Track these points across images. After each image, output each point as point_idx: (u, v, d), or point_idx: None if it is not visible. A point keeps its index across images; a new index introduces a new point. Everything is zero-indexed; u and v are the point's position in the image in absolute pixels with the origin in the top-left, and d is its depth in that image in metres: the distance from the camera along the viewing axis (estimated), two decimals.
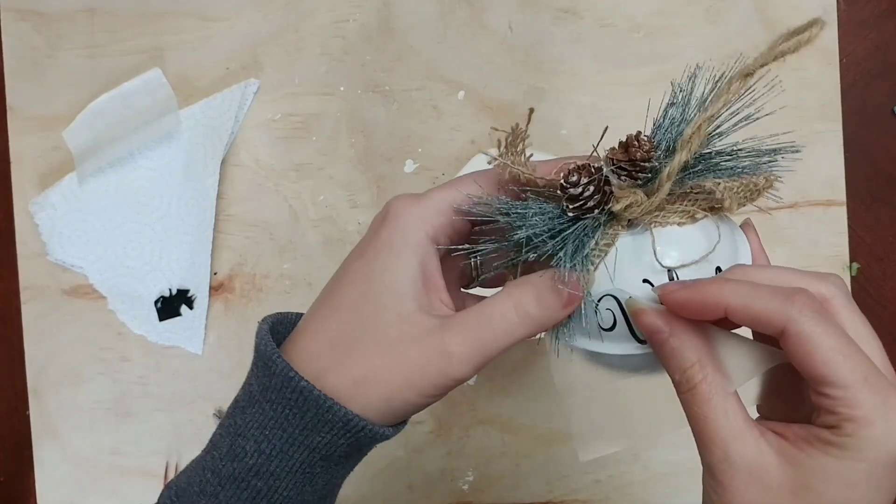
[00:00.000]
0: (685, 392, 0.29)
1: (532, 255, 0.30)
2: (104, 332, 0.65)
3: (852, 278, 0.62)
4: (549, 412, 0.64)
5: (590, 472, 0.64)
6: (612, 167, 0.30)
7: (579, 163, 0.30)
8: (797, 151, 0.32)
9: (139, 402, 0.65)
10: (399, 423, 0.33)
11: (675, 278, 0.30)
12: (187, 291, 0.64)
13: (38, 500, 0.65)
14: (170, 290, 0.64)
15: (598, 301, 0.30)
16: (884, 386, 0.26)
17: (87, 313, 0.65)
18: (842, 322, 0.29)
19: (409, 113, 0.63)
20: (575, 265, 0.29)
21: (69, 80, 0.64)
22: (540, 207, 0.31)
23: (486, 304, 0.30)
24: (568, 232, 0.30)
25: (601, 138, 0.32)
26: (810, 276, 0.30)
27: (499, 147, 0.31)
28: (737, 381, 0.29)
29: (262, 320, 0.34)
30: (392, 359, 0.30)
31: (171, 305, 0.64)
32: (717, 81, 0.31)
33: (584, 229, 0.30)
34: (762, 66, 0.30)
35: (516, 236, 0.30)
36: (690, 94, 0.32)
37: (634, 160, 0.30)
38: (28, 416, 0.65)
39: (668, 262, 0.30)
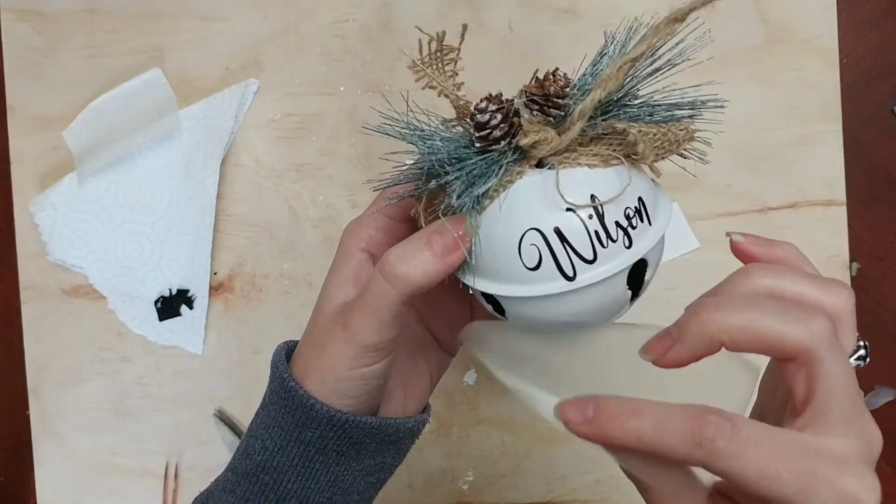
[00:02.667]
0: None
1: (433, 183, 0.29)
2: (104, 332, 0.65)
3: (852, 278, 0.62)
4: None
5: (590, 473, 0.64)
6: (525, 100, 0.29)
7: (497, 93, 0.29)
8: (721, 107, 0.30)
9: (139, 402, 0.65)
10: (414, 416, 0.37)
11: (578, 216, 0.28)
12: (187, 291, 0.64)
13: (38, 500, 0.65)
14: (170, 290, 0.64)
15: (522, 237, 0.28)
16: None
17: (87, 313, 0.65)
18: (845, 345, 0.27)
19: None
20: (462, 199, 0.28)
21: (69, 80, 0.64)
22: (448, 133, 0.30)
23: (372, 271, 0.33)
24: (470, 161, 0.28)
25: (532, 78, 0.30)
26: (818, 286, 0.27)
27: (420, 52, 0.29)
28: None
29: (281, 343, 0.38)
30: (319, 350, 0.34)
31: (171, 305, 0.64)
32: (647, 27, 0.29)
33: (488, 163, 0.28)
34: (692, 10, 0.28)
35: (420, 162, 0.29)
36: (624, 46, 0.30)
37: (548, 95, 0.29)
38: (28, 416, 0.65)
39: (571, 199, 0.28)
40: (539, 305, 0.29)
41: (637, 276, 0.30)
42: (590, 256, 0.28)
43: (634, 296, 0.31)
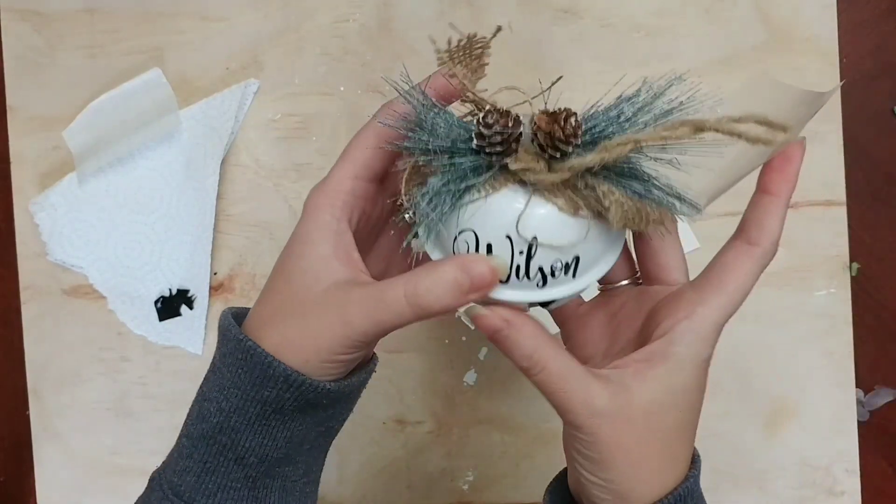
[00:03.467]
0: (537, 374, 0.33)
1: (423, 160, 0.32)
2: (104, 332, 0.65)
3: (852, 278, 0.62)
4: (549, 412, 0.63)
5: None
6: (531, 130, 0.30)
7: (505, 108, 0.31)
8: (699, 211, 0.32)
9: (139, 402, 0.65)
10: (351, 377, 0.36)
11: (511, 244, 0.31)
12: (187, 291, 0.64)
13: (38, 500, 0.65)
14: (170, 290, 0.64)
15: (461, 233, 0.31)
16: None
17: (87, 313, 0.65)
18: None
19: None
20: (448, 187, 0.30)
21: (69, 80, 0.64)
22: (453, 124, 0.31)
23: (386, 284, 0.32)
24: (461, 159, 0.31)
25: (549, 88, 0.32)
26: None
27: (448, 45, 0.31)
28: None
29: (225, 309, 0.38)
30: (303, 328, 0.33)
31: (171, 305, 0.64)
32: (675, 109, 0.31)
33: (474, 165, 0.31)
34: (716, 131, 0.29)
35: (423, 141, 0.31)
36: (653, 101, 0.31)
37: (553, 136, 0.30)
38: (28, 416, 0.65)
39: (528, 234, 0.30)
40: None
41: (542, 305, 0.34)
42: (503, 279, 0.31)
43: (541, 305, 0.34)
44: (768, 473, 0.63)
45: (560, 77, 0.32)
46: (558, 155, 0.30)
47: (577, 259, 0.32)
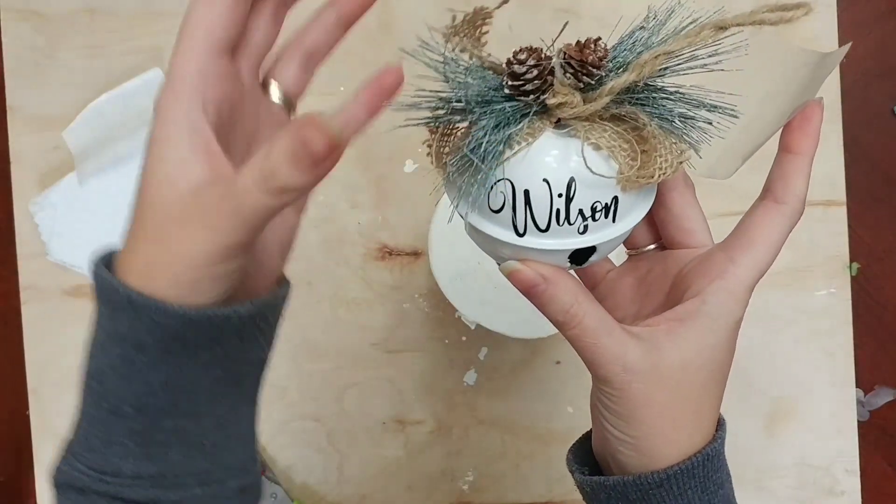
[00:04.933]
0: (572, 329, 0.33)
1: (457, 118, 0.31)
2: None
3: (852, 278, 0.62)
4: (549, 412, 0.64)
5: None
6: (562, 61, 0.30)
7: (534, 46, 0.30)
8: (735, 116, 0.32)
9: None
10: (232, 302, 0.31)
11: (549, 189, 0.30)
12: None
13: (37, 501, 0.65)
14: None
15: (496, 182, 0.30)
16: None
17: (87, 313, 0.64)
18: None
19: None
20: (490, 137, 0.30)
21: (69, 80, 0.64)
22: (482, 73, 0.31)
23: (238, 176, 0.28)
24: (498, 105, 0.30)
25: (560, 32, 0.31)
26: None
27: (453, 20, 0.32)
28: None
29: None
30: (167, 245, 0.29)
31: None
32: (692, 23, 0.30)
33: (513, 110, 0.30)
34: (738, 25, 0.29)
35: (450, 94, 0.31)
36: (663, 25, 0.32)
37: (585, 62, 0.30)
38: (28, 416, 0.65)
39: (566, 175, 0.30)
40: (490, 241, 0.32)
41: (582, 255, 0.33)
42: (543, 226, 0.31)
43: (572, 266, 0.34)
44: (768, 473, 0.63)
45: (567, 23, 0.31)
46: (592, 82, 0.30)
47: (615, 200, 0.31)
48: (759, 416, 0.63)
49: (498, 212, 0.31)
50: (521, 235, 0.31)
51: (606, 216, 0.31)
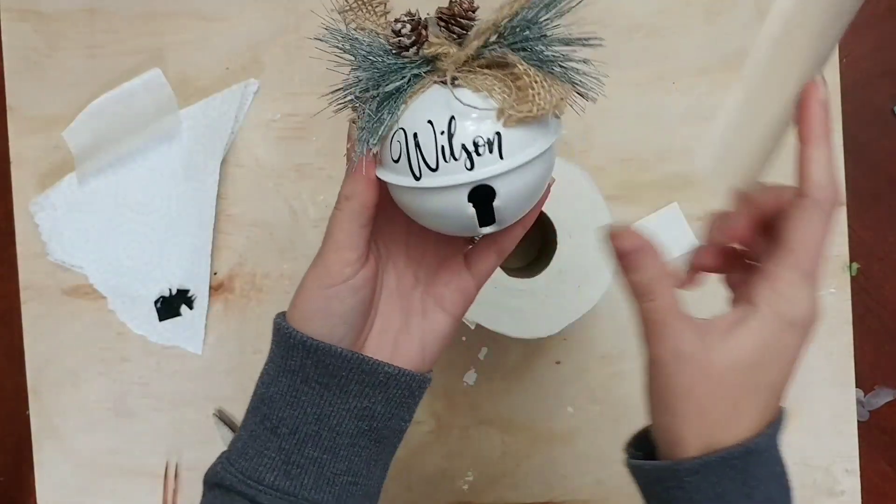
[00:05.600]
0: (647, 302, 0.35)
1: (354, 87, 0.35)
2: (104, 332, 0.65)
3: (852, 278, 0.62)
4: (549, 412, 0.64)
5: (590, 473, 0.64)
6: (436, 17, 0.34)
7: (413, 11, 0.34)
8: (600, 45, 0.34)
9: (139, 402, 0.65)
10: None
11: (433, 128, 0.33)
12: (187, 291, 0.64)
13: (37, 500, 0.65)
14: (170, 290, 0.64)
15: (394, 133, 0.34)
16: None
17: (87, 313, 0.65)
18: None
19: None
20: (371, 93, 0.34)
21: (69, 80, 0.64)
22: (374, 43, 0.35)
23: None
24: (379, 60, 0.34)
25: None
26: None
27: (347, 2, 0.35)
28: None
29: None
30: (298, 288, 0.38)
31: (171, 305, 0.64)
32: None
33: (397, 66, 0.34)
34: None
35: (351, 70, 0.35)
36: None
37: (454, 14, 0.34)
38: (28, 416, 0.65)
39: (446, 114, 0.33)
40: (401, 193, 0.35)
41: (485, 201, 0.34)
42: (433, 165, 0.33)
43: (488, 222, 0.35)
44: None
45: None
46: (465, 32, 0.34)
47: (498, 135, 0.33)
48: None
49: (397, 160, 0.34)
50: (417, 179, 0.34)
51: (492, 151, 0.33)
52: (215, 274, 0.64)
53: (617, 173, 0.63)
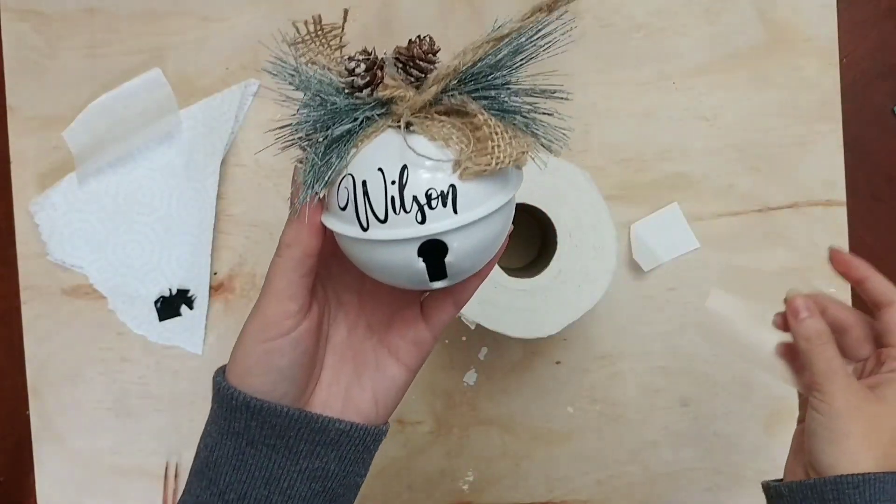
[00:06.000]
0: (816, 348, 0.40)
1: (303, 126, 0.33)
2: (104, 332, 0.65)
3: None
4: (549, 412, 0.64)
5: (590, 473, 0.64)
6: (393, 57, 0.32)
7: (369, 48, 0.32)
8: (566, 99, 0.32)
9: (139, 402, 0.65)
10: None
11: (383, 177, 0.31)
12: (187, 291, 0.64)
13: (37, 500, 0.65)
14: (170, 290, 0.64)
15: (342, 179, 0.32)
16: None
17: (87, 313, 0.65)
18: None
19: None
20: (317, 134, 0.32)
21: (69, 80, 0.64)
22: (326, 79, 0.32)
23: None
24: (332, 101, 0.32)
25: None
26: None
27: (298, 32, 0.33)
28: None
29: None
30: (237, 347, 0.36)
31: (171, 305, 0.64)
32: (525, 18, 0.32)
33: (348, 107, 0.31)
34: (557, 4, 0.31)
35: (299, 105, 0.33)
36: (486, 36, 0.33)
37: (412, 56, 0.31)
38: (28, 416, 0.65)
39: (398, 163, 0.31)
40: (347, 243, 0.33)
41: (436, 256, 0.32)
42: (382, 216, 0.31)
43: (439, 276, 0.33)
44: (768, 473, 0.63)
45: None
46: (423, 76, 0.32)
47: (452, 188, 0.31)
48: (759, 416, 0.63)
49: (344, 209, 0.32)
50: (365, 229, 0.31)
51: (445, 205, 0.31)
52: (215, 274, 0.64)
53: (617, 173, 0.63)
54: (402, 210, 0.31)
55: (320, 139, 0.32)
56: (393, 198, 0.31)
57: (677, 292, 0.63)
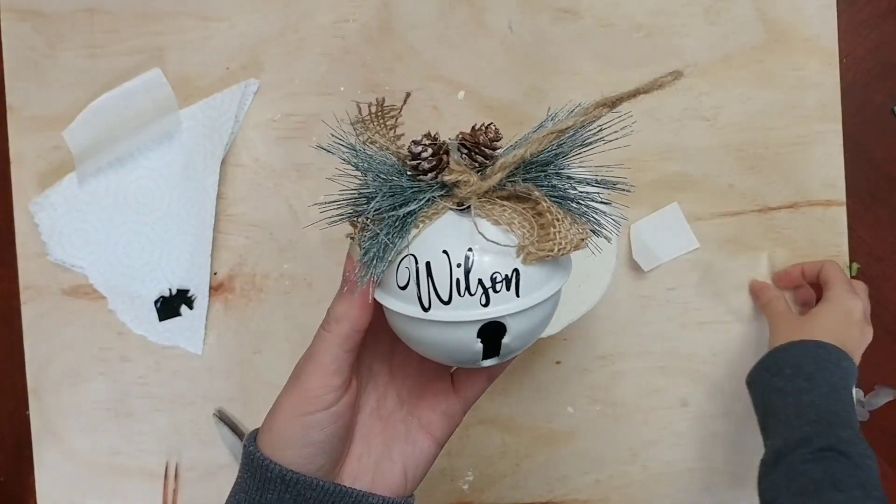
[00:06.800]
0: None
1: (367, 205, 0.32)
2: (104, 332, 0.65)
3: (852, 278, 0.62)
4: (549, 412, 0.64)
5: (590, 473, 0.64)
6: (458, 142, 0.33)
7: (433, 133, 0.33)
8: (627, 191, 0.33)
9: (139, 402, 0.65)
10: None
11: (449, 259, 0.31)
12: (187, 291, 0.64)
13: (38, 500, 0.65)
14: (170, 290, 0.64)
15: (402, 259, 0.32)
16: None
17: (87, 313, 0.65)
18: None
19: (409, 113, 0.63)
20: (381, 214, 0.32)
21: (69, 80, 0.64)
22: (387, 160, 0.33)
23: None
24: (397, 184, 0.32)
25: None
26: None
27: (359, 111, 0.35)
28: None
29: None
30: (271, 410, 0.36)
31: (171, 305, 0.64)
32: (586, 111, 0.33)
33: (413, 190, 0.32)
34: (619, 101, 0.32)
35: (361, 186, 0.33)
36: (543, 123, 0.34)
37: (478, 142, 0.32)
38: (28, 416, 0.65)
39: (464, 245, 0.31)
40: (403, 322, 0.33)
41: (494, 337, 0.33)
42: (445, 298, 0.31)
43: (492, 355, 0.33)
44: None
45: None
46: (488, 163, 0.33)
47: (516, 272, 0.32)
48: None
49: (404, 288, 0.32)
50: (426, 310, 0.32)
51: (508, 288, 0.32)
52: (215, 274, 0.64)
53: (617, 173, 0.62)
54: (466, 293, 0.31)
55: (382, 218, 0.32)
56: (458, 280, 0.31)
57: (677, 292, 0.63)
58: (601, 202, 0.33)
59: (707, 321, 0.63)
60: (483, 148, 0.32)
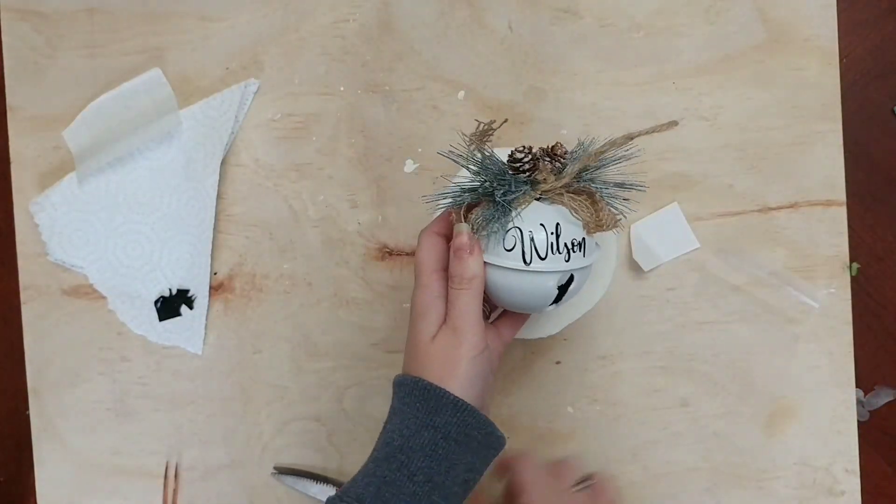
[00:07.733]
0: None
1: (476, 194, 0.47)
2: (104, 332, 0.65)
3: (852, 278, 0.62)
4: (549, 412, 0.64)
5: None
6: (542, 153, 0.48)
7: (528, 144, 0.48)
8: (642, 190, 0.48)
9: (139, 402, 0.65)
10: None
11: (545, 230, 0.46)
12: (187, 291, 0.64)
13: (38, 500, 0.65)
14: (170, 290, 0.64)
15: (508, 230, 0.46)
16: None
17: (87, 313, 0.65)
18: None
19: (409, 113, 0.63)
20: (505, 198, 0.46)
21: (69, 80, 0.64)
22: (494, 163, 0.48)
23: None
24: (506, 181, 0.47)
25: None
26: None
27: (477, 128, 0.47)
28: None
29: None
30: (442, 361, 0.46)
31: (171, 305, 0.64)
32: (607, 141, 0.49)
33: (517, 183, 0.47)
34: (639, 135, 0.49)
35: (471, 182, 0.48)
36: (589, 145, 0.49)
37: (555, 155, 0.47)
38: (28, 416, 0.65)
39: (553, 220, 0.46)
40: (503, 274, 0.47)
41: (564, 286, 0.48)
42: (543, 255, 0.46)
43: (557, 300, 0.48)
44: (768, 473, 0.63)
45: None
46: (560, 167, 0.48)
47: (584, 240, 0.47)
48: (759, 416, 0.63)
49: (510, 250, 0.46)
50: (527, 264, 0.46)
51: (579, 250, 0.47)
52: (215, 274, 0.64)
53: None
54: (556, 251, 0.46)
55: (494, 201, 0.46)
56: (552, 243, 0.46)
57: (677, 292, 0.63)
58: (622, 199, 0.48)
59: (707, 321, 0.63)
60: (558, 158, 0.47)
